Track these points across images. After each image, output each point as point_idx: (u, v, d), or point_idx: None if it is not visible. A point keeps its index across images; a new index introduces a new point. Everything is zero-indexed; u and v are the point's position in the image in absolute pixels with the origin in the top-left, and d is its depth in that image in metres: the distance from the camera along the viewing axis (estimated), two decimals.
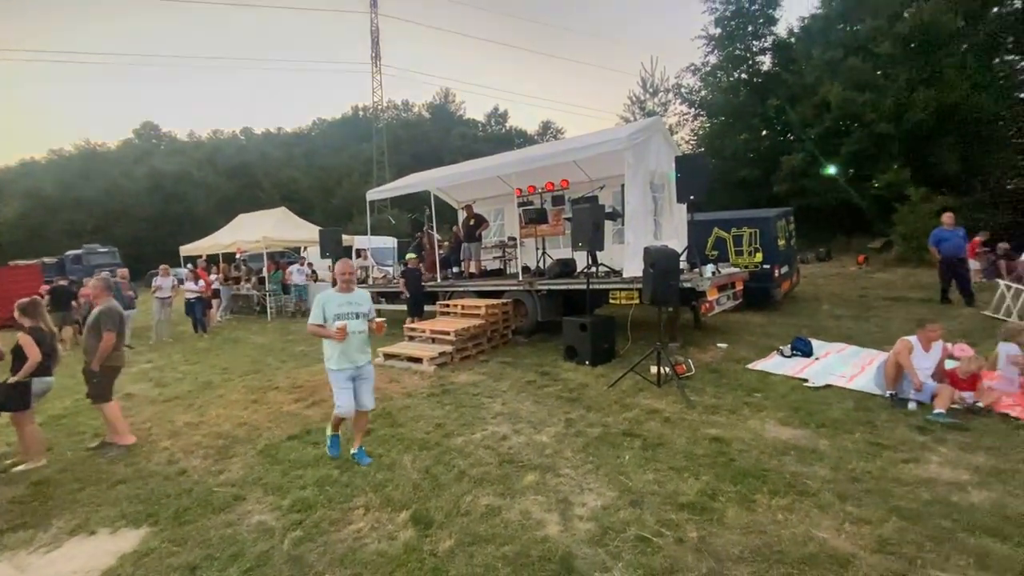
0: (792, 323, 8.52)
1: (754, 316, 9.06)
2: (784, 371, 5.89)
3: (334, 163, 45.34)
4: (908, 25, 15.00)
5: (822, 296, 11.11)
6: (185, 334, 11.19)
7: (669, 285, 5.26)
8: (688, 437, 4.10)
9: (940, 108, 14.18)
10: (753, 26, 21.03)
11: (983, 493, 3.09)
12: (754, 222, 9.46)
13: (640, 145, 7.22)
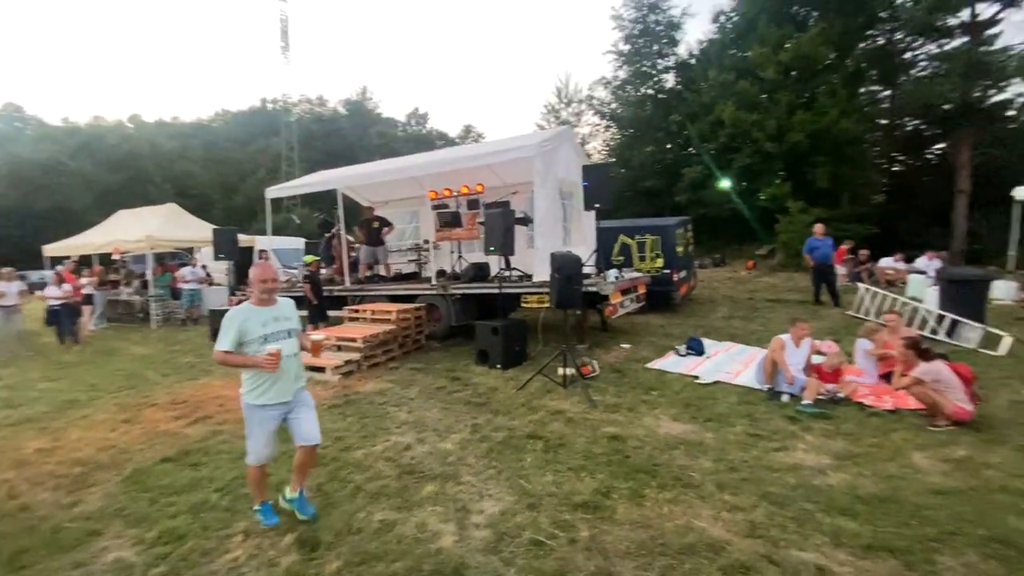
0: (689, 324, 9.14)
1: (656, 317, 9.60)
2: (679, 369, 6.28)
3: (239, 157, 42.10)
4: (789, 54, 16.82)
5: (716, 298, 12.06)
6: (49, 346, 9.75)
7: (573, 289, 5.41)
8: (588, 437, 4.22)
9: (815, 130, 16.03)
10: (658, 45, 22.53)
11: (839, 475, 3.47)
12: (656, 230, 10.06)
13: (550, 153, 7.40)
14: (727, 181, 18.51)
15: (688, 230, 11.23)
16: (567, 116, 25.53)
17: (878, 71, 19.27)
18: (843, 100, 16.37)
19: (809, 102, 16.65)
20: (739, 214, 18.72)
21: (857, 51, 18.71)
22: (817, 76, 17.28)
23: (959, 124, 16.80)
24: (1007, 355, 6.32)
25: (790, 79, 17.51)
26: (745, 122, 16.51)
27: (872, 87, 20.12)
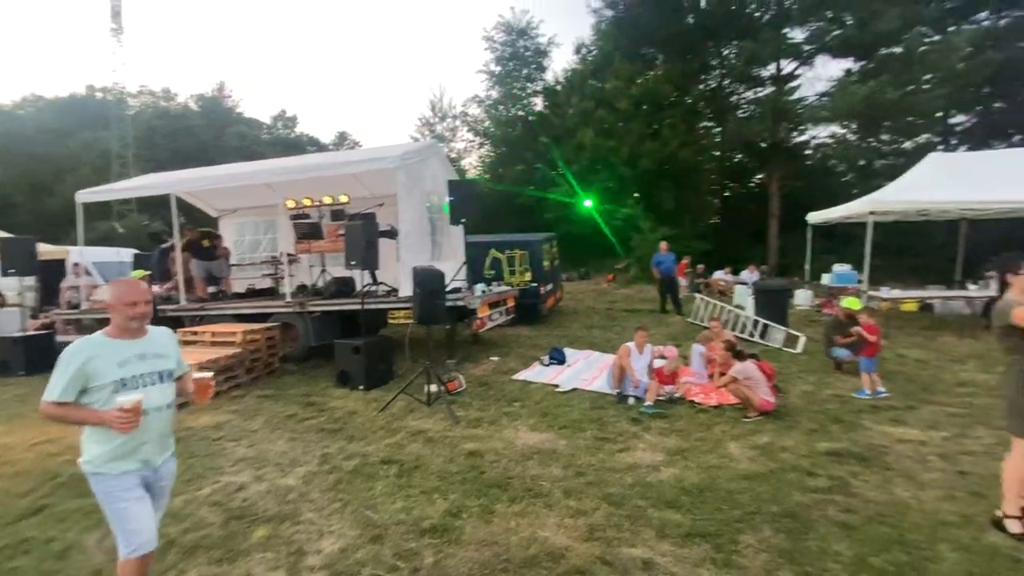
0: (555, 334, 9.58)
1: (525, 329, 9.92)
2: (542, 379, 6.51)
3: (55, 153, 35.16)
4: (639, 89, 18.84)
5: (580, 310, 12.86)
6: None
7: (436, 304, 5.33)
8: (446, 455, 4.14)
9: (661, 158, 18.10)
10: (527, 69, 23.79)
11: (670, 470, 3.81)
12: (524, 245, 10.45)
13: (415, 166, 7.29)
14: (589, 200, 20.03)
15: (554, 245, 11.84)
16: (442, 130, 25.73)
17: (712, 110, 22.41)
18: (683, 133, 18.73)
19: (656, 133, 18.78)
20: (600, 231, 20.34)
21: (695, 92, 21.58)
22: (663, 110, 19.57)
23: (771, 159, 20.16)
24: (802, 352, 7.59)
25: (641, 111, 19.59)
26: (603, 147, 18.09)
27: (707, 123, 23.33)
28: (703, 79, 22.50)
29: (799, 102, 19.21)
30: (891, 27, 15.64)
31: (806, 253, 12.66)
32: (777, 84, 19.85)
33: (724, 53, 21.24)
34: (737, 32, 19.77)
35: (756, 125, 19.30)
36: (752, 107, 20.93)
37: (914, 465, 3.78)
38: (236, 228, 10.89)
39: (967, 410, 4.92)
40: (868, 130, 19.72)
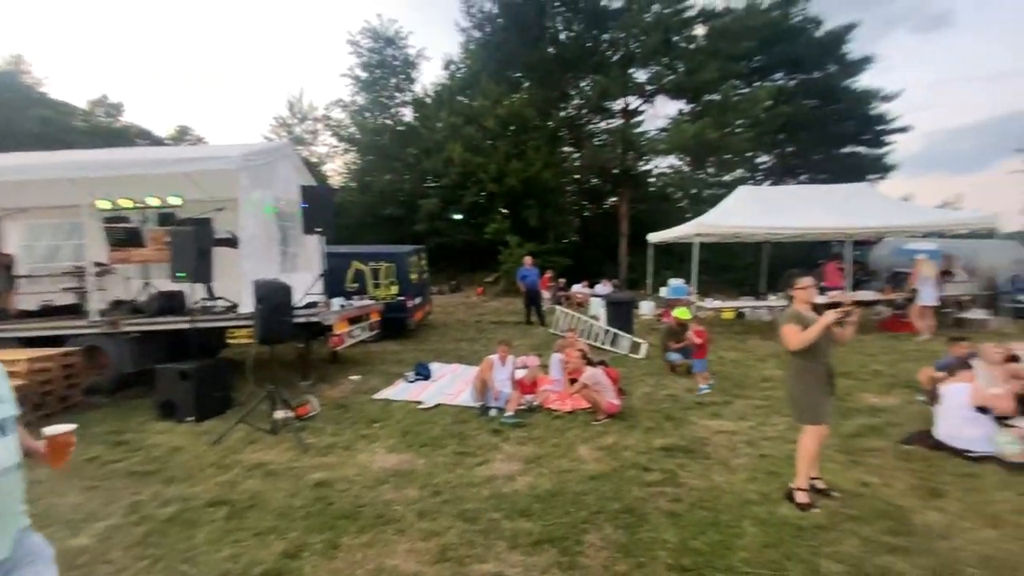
0: (423, 348, 9.39)
1: (391, 345, 9.56)
2: (405, 396, 6.30)
3: None
4: (505, 111, 19.63)
5: (450, 323, 12.83)
6: None
7: (282, 321, 4.86)
8: (289, 489, 3.75)
9: (526, 177, 19.00)
10: (396, 79, 23.42)
11: (525, 479, 3.89)
12: (390, 257, 10.12)
13: (260, 168, 6.63)
14: (459, 214, 20.27)
15: (422, 257, 11.67)
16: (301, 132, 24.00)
17: (571, 136, 24.20)
18: (546, 155, 19.92)
19: (521, 153, 19.71)
20: (470, 244, 20.65)
21: (556, 117, 23.13)
22: (528, 132, 20.63)
23: (621, 184, 22.34)
24: (644, 357, 8.42)
25: (507, 131, 20.41)
26: (472, 163, 18.48)
27: (568, 148, 25.11)
28: (563, 107, 24.25)
29: (643, 135, 21.65)
30: (711, 77, 18.46)
31: (648, 269, 14.17)
32: (626, 117, 22.16)
33: (582, 85, 23.15)
34: (592, 68, 21.71)
35: (608, 153, 21.27)
36: (605, 136, 23.05)
37: (727, 453, 4.36)
38: (27, 231, 8.91)
39: (768, 402, 5.84)
40: (698, 163, 22.98)
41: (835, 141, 23.34)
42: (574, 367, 5.93)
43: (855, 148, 23.42)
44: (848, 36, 22.10)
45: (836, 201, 11.51)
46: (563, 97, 23.54)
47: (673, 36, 19.56)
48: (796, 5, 22.48)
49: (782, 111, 20.37)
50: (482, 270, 20.74)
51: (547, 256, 18.60)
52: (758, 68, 23.18)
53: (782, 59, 22.48)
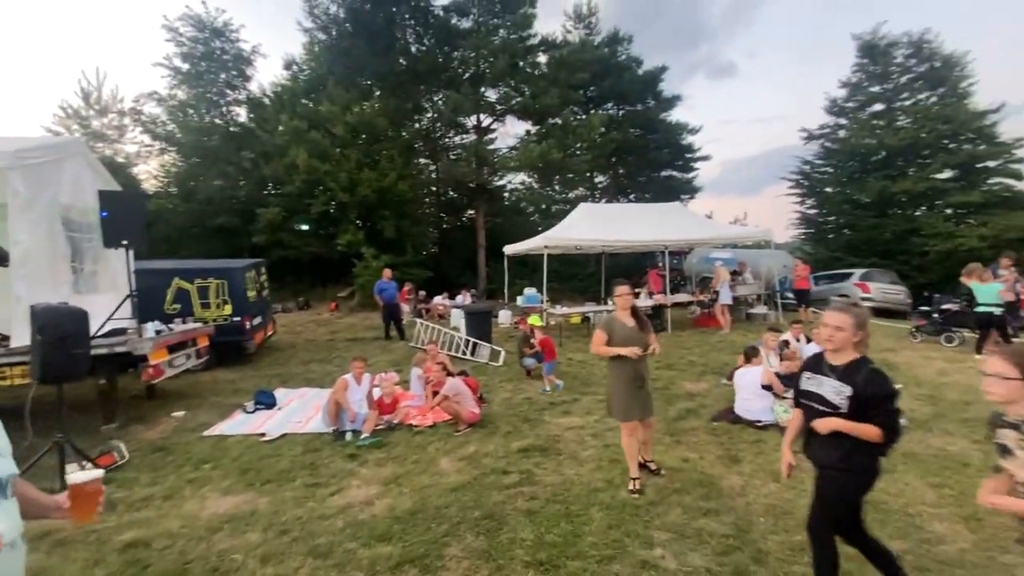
0: (265, 374, 8.48)
1: (226, 372, 8.47)
2: (244, 430, 5.62)
3: None
4: (356, 118, 18.85)
5: (297, 343, 11.80)
6: None
7: (72, 355, 3.99)
8: (89, 557, 3.08)
9: (380, 188, 18.43)
10: (226, 75, 20.99)
11: (384, 501, 3.74)
12: (221, 272, 8.96)
13: (41, 168, 5.41)
14: (306, 225, 18.84)
15: (261, 273, 10.56)
16: (101, 127, 20.09)
17: (427, 148, 24.20)
18: (400, 166, 19.59)
19: (375, 163, 19.10)
20: (320, 257, 19.30)
21: (411, 129, 22.94)
22: (380, 142, 20.08)
23: (477, 197, 22.97)
24: (503, 364, 8.72)
25: (359, 140, 19.63)
26: (319, 171, 17.33)
27: (424, 160, 25.05)
28: (418, 119, 24.19)
29: (496, 152, 22.58)
30: (554, 102, 20.05)
31: (505, 279, 14.77)
32: (479, 134, 22.90)
33: (435, 99, 23.35)
34: (444, 83, 22.04)
35: (464, 167, 21.75)
36: (460, 151, 23.54)
37: (577, 447, 4.72)
38: None
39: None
40: (545, 180, 24.69)
41: (655, 165, 27.00)
42: (436, 380, 5.90)
43: (671, 172, 27.35)
44: (662, 76, 25.82)
45: (656, 217, 13.30)
46: (417, 109, 23.49)
47: (519, 61, 20.81)
48: (621, 45, 25.59)
49: (613, 137, 22.92)
50: (335, 284, 19.52)
51: (406, 268, 18.24)
52: (593, 98, 25.84)
53: (612, 92, 25.36)
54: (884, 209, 20.13)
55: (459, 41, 21.17)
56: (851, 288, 13.92)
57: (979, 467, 3.91)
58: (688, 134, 26.33)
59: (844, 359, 2.31)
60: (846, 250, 20.48)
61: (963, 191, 18.64)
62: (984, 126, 19.03)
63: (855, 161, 21.50)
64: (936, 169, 19.34)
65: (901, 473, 3.87)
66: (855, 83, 22.19)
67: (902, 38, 20.99)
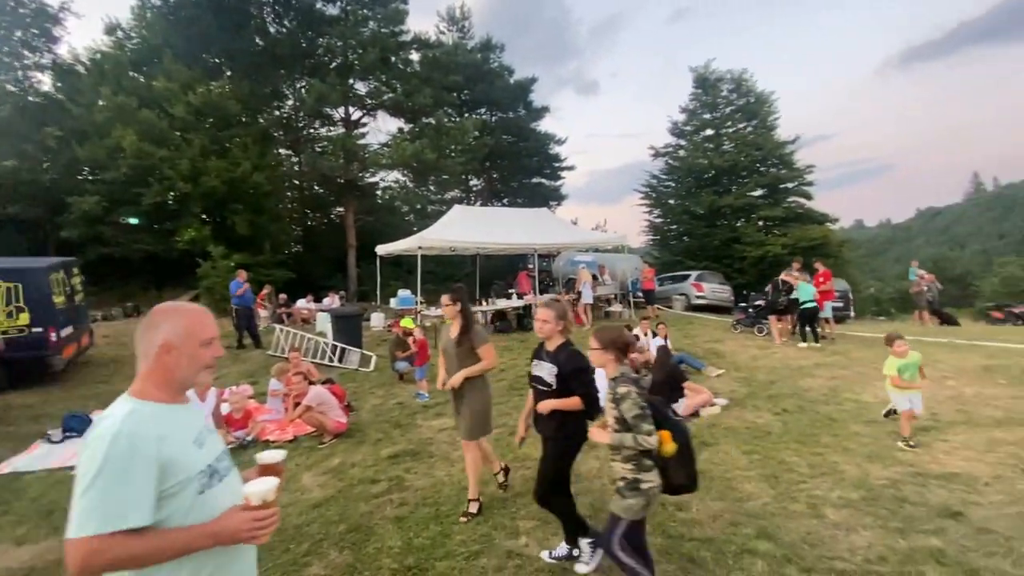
0: (78, 395, 7.13)
1: (20, 396, 6.95)
2: (47, 464, 4.69)
3: None
4: (200, 99, 16.65)
5: (123, 357, 10.06)
6: None
7: None
8: None
9: (231, 178, 16.51)
10: (23, 33, 17.10)
11: None
12: (14, 274, 7.29)
13: None
14: (135, 218, 16.19)
15: (73, 274, 8.83)
16: None
17: (288, 138, 22.29)
18: (255, 156, 17.79)
19: (224, 151, 17.08)
20: (156, 256, 16.72)
21: (269, 116, 20.95)
22: (232, 128, 18.01)
23: (346, 194, 21.79)
24: (375, 370, 8.42)
25: (204, 123, 17.40)
26: (152, 156, 14.96)
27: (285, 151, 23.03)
28: (278, 106, 22.20)
29: (367, 147, 21.67)
30: (427, 102, 19.86)
31: (377, 280, 14.25)
32: (348, 127, 21.76)
33: (298, 86, 21.64)
34: (308, 70, 20.55)
35: (331, 161, 20.47)
36: (327, 144, 22.12)
37: (448, 448, 4.75)
38: None
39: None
40: (420, 181, 24.32)
41: (527, 172, 28.25)
42: (297, 391, 5.49)
43: (541, 179, 28.82)
44: (532, 87, 27.10)
45: (527, 221, 13.92)
46: (277, 95, 21.56)
47: (391, 56, 20.24)
48: (493, 52, 26.29)
49: (486, 142, 23.46)
50: (173, 287, 17.04)
51: (263, 269, 16.63)
52: (466, 102, 26.19)
53: (485, 97, 25.95)
54: (714, 220, 23.45)
55: (325, 28, 19.93)
56: (688, 288, 15.98)
57: (779, 434, 4.77)
58: (556, 144, 27.99)
59: (554, 344, 2.84)
60: (685, 254, 23.44)
61: (770, 207, 22.53)
62: (785, 154, 23.21)
63: (691, 178, 24.72)
64: (751, 187, 23.07)
65: (722, 445, 4.56)
66: (691, 109, 25.55)
67: (726, 74, 24.72)
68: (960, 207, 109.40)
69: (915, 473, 3.75)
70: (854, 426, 4.89)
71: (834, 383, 6.42)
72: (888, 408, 4.97)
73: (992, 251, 61.23)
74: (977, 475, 3.65)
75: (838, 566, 2.65)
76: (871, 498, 3.39)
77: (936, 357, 7.31)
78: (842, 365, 7.35)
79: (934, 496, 3.38)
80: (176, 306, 1.34)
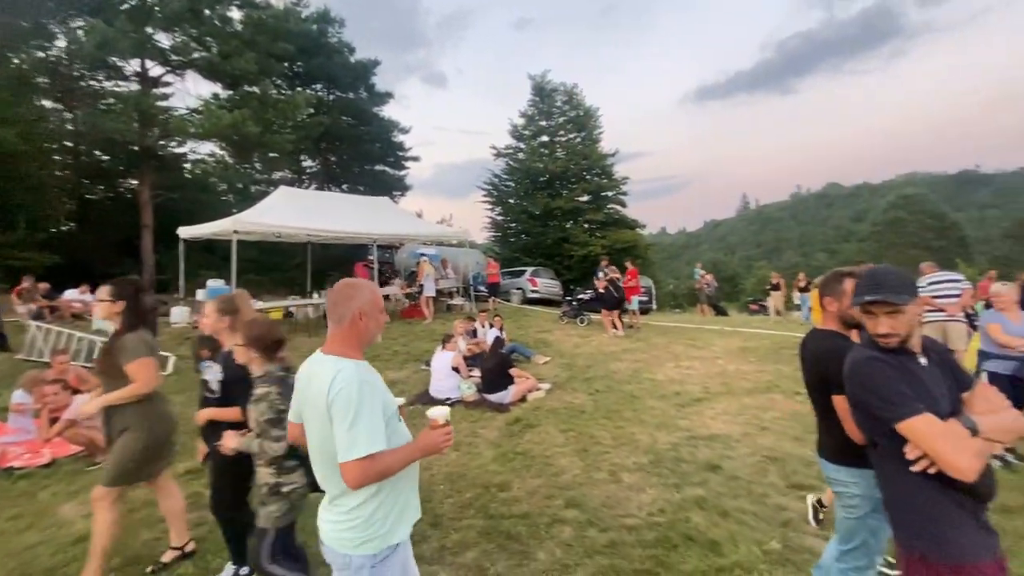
0: None
1: None
2: None
3: None
4: None
5: None
6: None
7: None
8: None
9: None
10: None
11: None
12: None
13: None
14: None
15: None
16: None
17: (57, 88, 17.68)
18: (6, 106, 13.82)
19: None
20: None
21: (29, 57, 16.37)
22: None
23: (141, 164, 18.18)
24: (174, 372, 7.22)
25: None
26: None
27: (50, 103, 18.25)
28: (45, 46, 17.48)
29: (169, 111, 18.36)
30: (250, 68, 17.58)
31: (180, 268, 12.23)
32: (144, 84, 18.14)
33: (73, 25, 17.30)
34: (89, 8, 16.59)
35: (119, 123, 16.84)
36: (115, 101, 18.13)
37: None
38: None
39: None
40: (243, 156, 21.45)
41: (369, 158, 26.92)
42: (55, 403, 4.42)
43: (384, 167, 27.74)
44: (375, 70, 25.87)
45: (366, 210, 13.32)
46: (42, 33, 16.95)
47: (204, 9, 17.43)
48: (332, 26, 24.45)
49: (321, 121, 21.78)
50: None
51: (15, 251, 13.06)
52: (299, 74, 23.90)
53: (322, 73, 24.01)
54: (547, 220, 25.31)
55: None
56: (525, 282, 17.01)
57: (591, 412, 5.34)
58: (400, 132, 27.21)
59: (227, 345, 2.51)
60: (523, 251, 24.88)
61: (593, 212, 25.13)
62: (606, 165, 26.07)
63: (529, 180, 26.30)
64: (579, 193, 25.43)
65: (544, 425, 4.94)
66: (530, 115, 27.13)
67: (560, 86, 26.80)
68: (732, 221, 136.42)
69: (690, 437, 4.54)
70: (650, 401, 5.72)
71: (637, 366, 7.43)
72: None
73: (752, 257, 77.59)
74: (731, 434, 4.57)
75: (628, 522, 3.07)
76: (657, 461, 4.01)
77: (711, 341, 8.97)
78: (643, 350, 8.54)
79: (701, 454, 4.13)
80: (359, 281, 1.70)
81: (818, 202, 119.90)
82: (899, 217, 50.02)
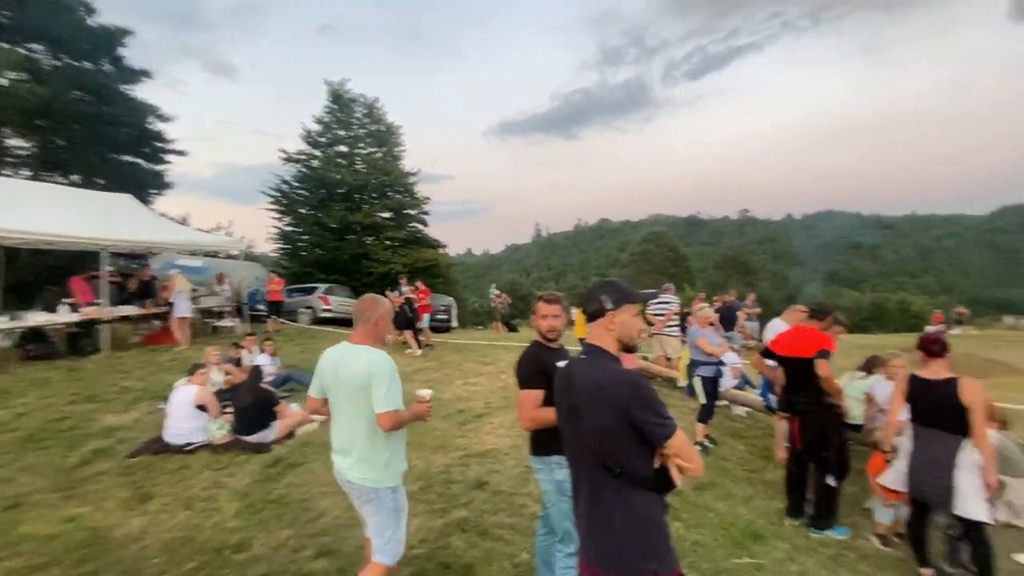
0: None
1: None
2: None
3: None
4: None
5: None
6: None
7: None
8: None
9: None
10: None
11: None
12: None
13: None
14: None
15: None
16: None
17: None
18: None
19: None
20: None
21: None
22: None
23: None
24: None
25: None
26: None
27: None
28: None
29: None
30: None
31: None
32: None
33: None
34: None
35: None
36: None
37: None
38: None
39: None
40: None
41: (112, 146, 21.63)
42: None
43: (136, 159, 22.64)
44: (125, 40, 21.18)
45: (99, 209, 10.61)
46: None
47: None
48: None
49: (38, 91, 16.87)
50: None
51: None
52: (7, 27, 18.16)
53: (39, 30, 18.63)
54: (344, 234, 23.96)
55: None
56: (315, 301, 15.63)
57: None
58: (160, 120, 22.73)
59: None
60: (316, 266, 23.00)
61: (395, 229, 24.73)
62: (408, 184, 26.02)
63: (324, 190, 24.59)
64: (380, 209, 24.77)
65: (310, 463, 4.40)
66: (327, 122, 25.52)
67: (360, 97, 25.92)
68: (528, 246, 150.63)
69: (464, 455, 4.57)
70: (434, 422, 5.62)
71: (427, 385, 7.34)
72: None
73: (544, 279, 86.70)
74: (501, 447, 4.76)
75: None
76: (427, 486, 3.90)
77: (499, 356, 9.44)
78: (436, 369, 8.54)
79: (472, 472, 4.18)
80: (378, 296, 2.47)
81: (593, 233, 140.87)
82: (648, 249, 61.72)
